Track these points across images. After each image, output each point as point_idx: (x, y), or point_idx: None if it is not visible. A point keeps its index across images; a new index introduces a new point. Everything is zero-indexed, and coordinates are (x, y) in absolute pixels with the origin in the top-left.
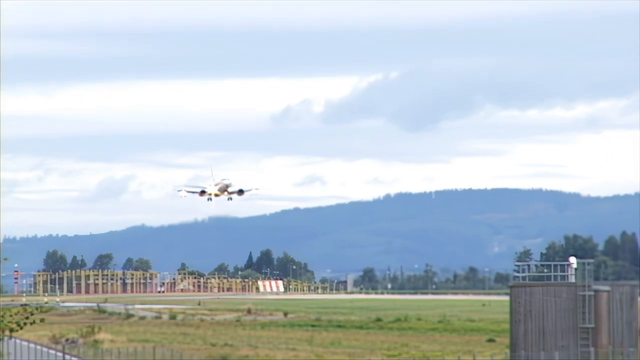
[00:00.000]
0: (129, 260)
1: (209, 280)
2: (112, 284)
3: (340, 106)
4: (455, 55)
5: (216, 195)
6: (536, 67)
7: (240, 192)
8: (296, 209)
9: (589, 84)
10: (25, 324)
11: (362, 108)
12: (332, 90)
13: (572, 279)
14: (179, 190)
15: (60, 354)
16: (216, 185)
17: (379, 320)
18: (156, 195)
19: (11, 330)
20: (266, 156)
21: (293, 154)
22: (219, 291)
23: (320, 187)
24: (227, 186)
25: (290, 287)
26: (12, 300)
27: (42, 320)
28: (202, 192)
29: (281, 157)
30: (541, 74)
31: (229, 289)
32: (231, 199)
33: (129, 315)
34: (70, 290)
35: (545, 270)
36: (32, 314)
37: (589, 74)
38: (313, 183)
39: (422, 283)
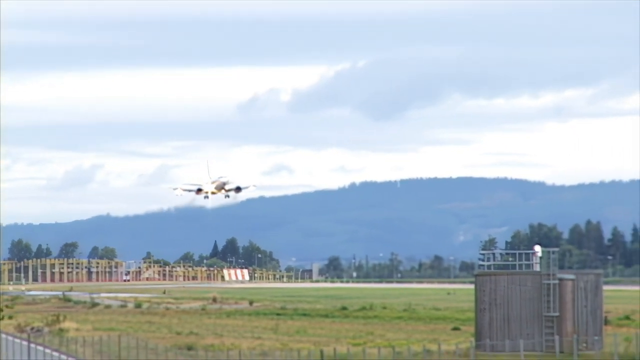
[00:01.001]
0: (95, 249)
1: (174, 269)
2: (77, 273)
3: (308, 95)
4: (423, 45)
5: (213, 193)
6: (503, 56)
7: (238, 189)
8: (261, 198)
9: (556, 73)
10: None
11: (330, 97)
12: (299, 79)
13: (537, 268)
14: (174, 189)
15: (25, 343)
16: (213, 182)
17: (344, 308)
18: (123, 184)
19: None
20: (234, 145)
21: (261, 143)
22: (184, 280)
23: (287, 176)
24: (224, 184)
25: (256, 275)
26: None
27: (10, 317)
28: (199, 190)
29: (249, 146)
30: (508, 64)
31: (194, 278)
32: (228, 196)
33: (95, 304)
34: (35, 279)
35: (510, 259)
36: (6, 307)
37: (556, 63)
38: (280, 172)
39: (388, 272)
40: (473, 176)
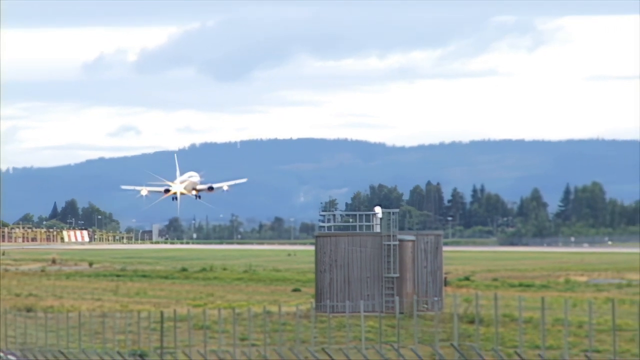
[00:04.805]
0: None
1: (13, 230)
2: None
3: (156, 55)
4: (272, 5)
5: (182, 194)
6: (352, 17)
7: (210, 189)
8: (101, 159)
9: (404, 34)
10: None
11: (178, 57)
12: (147, 39)
13: (378, 229)
14: (139, 189)
15: None
16: (182, 182)
17: (184, 270)
18: None
19: None
20: (82, 107)
21: (110, 104)
22: (23, 241)
23: (134, 138)
24: (195, 184)
25: (96, 237)
26: None
27: None
28: (167, 191)
29: (98, 108)
30: (357, 25)
31: (33, 239)
32: (199, 197)
33: None
34: None
35: (351, 220)
36: None
37: (404, 24)
38: (127, 133)
39: (228, 233)
40: (314, 137)
